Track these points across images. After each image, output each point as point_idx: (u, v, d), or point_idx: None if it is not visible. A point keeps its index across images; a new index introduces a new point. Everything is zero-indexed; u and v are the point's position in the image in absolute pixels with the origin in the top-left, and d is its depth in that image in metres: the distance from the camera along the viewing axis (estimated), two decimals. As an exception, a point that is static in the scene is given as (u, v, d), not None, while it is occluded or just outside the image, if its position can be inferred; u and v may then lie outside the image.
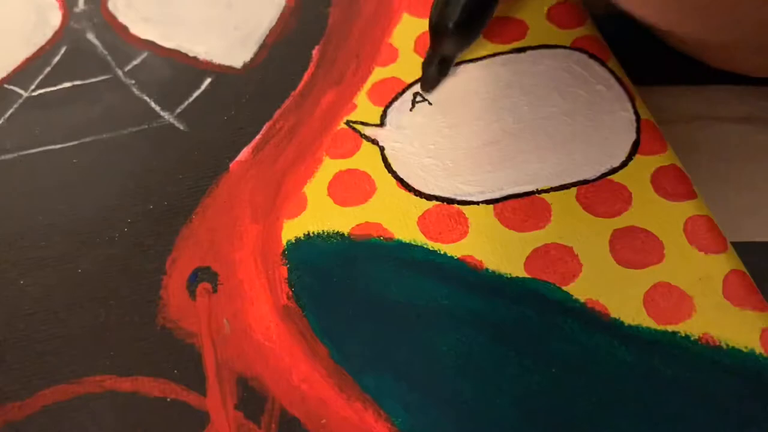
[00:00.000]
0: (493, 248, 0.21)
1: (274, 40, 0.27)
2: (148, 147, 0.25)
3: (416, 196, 0.22)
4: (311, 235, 0.22)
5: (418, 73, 0.25)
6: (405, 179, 0.23)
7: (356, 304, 0.20)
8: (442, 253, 0.21)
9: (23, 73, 0.28)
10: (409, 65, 0.25)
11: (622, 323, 0.19)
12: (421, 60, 0.25)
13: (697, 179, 0.21)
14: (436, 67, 0.24)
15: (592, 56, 0.24)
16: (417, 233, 0.21)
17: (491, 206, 0.21)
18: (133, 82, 0.27)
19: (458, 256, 0.21)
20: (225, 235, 0.22)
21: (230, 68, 0.27)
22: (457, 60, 0.25)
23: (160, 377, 0.20)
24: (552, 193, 0.21)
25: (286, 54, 0.27)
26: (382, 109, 0.24)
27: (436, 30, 0.24)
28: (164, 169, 0.24)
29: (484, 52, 0.25)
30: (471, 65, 0.25)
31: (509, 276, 0.20)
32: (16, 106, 0.27)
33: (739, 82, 0.24)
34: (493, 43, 0.25)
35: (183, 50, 0.28)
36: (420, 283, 0.20)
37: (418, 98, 0.24)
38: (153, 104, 0.26)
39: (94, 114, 0.26)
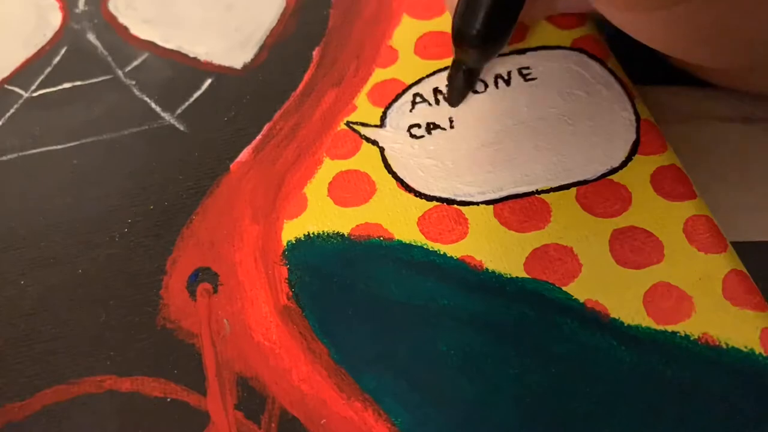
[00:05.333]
0: (493, 248, 0.21)
1: (274, 41, 0.27)
2: (148, 148, 0.25)
3: (416, 196, 0.22)
4: (311, 235, 0.22)
5: (418, 75, 0.25)
6: (405, 180, 0.23)
7: (356, 305, 0.20)
8: (442, 253, 0.21)
9: (23, 73, 0.28)
10: (409, 67, 0.25)
11: (621, 323, 0.19)
12: (421, 61, 0.25)
13: (696, 179, 0.21)
14: (462, 79, 0.23)
15: (591, 56, 0.24)
16: (417, 234, 0.21)
17: (491, 207, 0.21)
18: (134, 82, 0.27)
19: (458, 256, 0.21)
20: (225, 235, 0.22)
21: (230, 69, 0.27)
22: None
23: (161, 377, 0.20)
24: (551, 193, 0.21)
25: (287, 55, 0.27)
26: (382, 110, 0.24)
27: (459, 38, 0.22)
28: (164, 170, 0.24)
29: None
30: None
31: (509, 276, 0.20)
32: (16, 106, 0.27)
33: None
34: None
35: (183, 51, 0.28)
36: (420, 283, 0.20)
37: (418, 99, 0.24)
38: (153, 105, 0.26)
39: (94, 115, 0.26)
